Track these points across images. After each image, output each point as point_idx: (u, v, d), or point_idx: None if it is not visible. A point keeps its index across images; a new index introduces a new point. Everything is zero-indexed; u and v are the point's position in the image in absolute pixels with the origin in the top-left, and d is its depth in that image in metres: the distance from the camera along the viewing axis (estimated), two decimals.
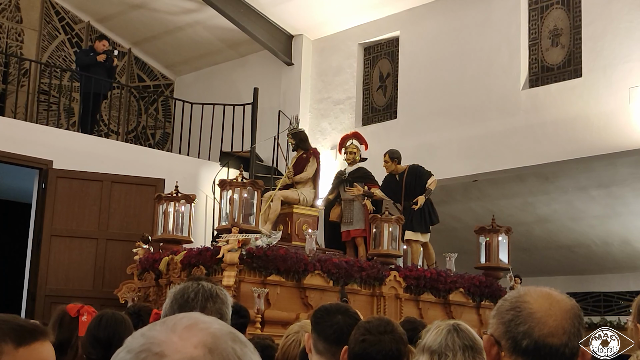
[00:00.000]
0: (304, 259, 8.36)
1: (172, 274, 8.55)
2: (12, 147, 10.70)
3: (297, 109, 13.00)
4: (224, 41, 14.03)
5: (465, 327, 2.76)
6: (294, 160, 10.25)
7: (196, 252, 8.36)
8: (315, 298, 8.34)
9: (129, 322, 3.72)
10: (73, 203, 10.82)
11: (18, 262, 11.62)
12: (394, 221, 9.27)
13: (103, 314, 3.73)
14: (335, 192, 10.23)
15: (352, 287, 8.68)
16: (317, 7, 12.53)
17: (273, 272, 8.15)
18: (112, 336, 3.56)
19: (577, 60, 10.39)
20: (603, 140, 9.75)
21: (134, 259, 9.41)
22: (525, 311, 1.76)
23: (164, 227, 9.30)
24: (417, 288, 9.19)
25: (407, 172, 9.89)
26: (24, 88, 13.14)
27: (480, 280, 9.74)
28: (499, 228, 9.99)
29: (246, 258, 7.97)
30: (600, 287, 12.88)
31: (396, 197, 9.93)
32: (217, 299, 2.57)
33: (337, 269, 8.56)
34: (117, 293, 9.21)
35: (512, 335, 1.75)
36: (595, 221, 11.79)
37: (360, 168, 10.25)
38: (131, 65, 15.09)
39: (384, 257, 9.21)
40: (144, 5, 13.69)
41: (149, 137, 15.06)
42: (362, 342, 2.69)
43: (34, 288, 10.54)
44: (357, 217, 9.96)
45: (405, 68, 12.12)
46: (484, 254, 10.02)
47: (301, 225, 9.71)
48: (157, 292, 8.88)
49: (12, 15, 13.73)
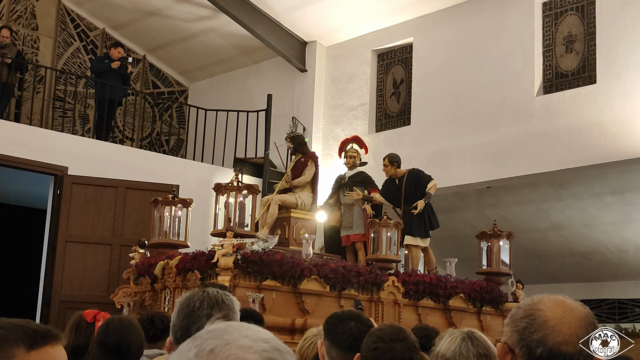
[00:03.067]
0: (300, 264, 8.22)
1: (167, 279, 8.46)
2: (28, 153, 10.76)
3: (311, 116, 13.03)
4: (238, 48, 14.08)
5: (480, 335, 2.76)
6: (292, 164, 10.15)
7: (191, 257, 8.24)
8: (311, 303, 8.24)
9: (137, 327, 3.69)
10: (88, 209, 10.87)
11: (33, 267, 11.68)
12: (392, 226, 9.16)
13: (110, 320, 3.71)
14: (334, 196, 10.15)
15: (349, 292, 8.53)
16: (330, 14, 12.55)
17: (269, 277, 8.01)
18: (120, 342, 3.54)
19: (591, 67, 10.36)
20: (617, 146, 9.71)
21: (130, 263, 9.31)
22: (540, 319, 1.76)
23: (161, 231, 9.20)
24: (416, 293, 9.07)
25: (407, 176, 9.77)
26: (39, 95, 13.22)
27: (481, 286, 9.61)
28: (501, 233, 9.86)
29: (241, 263, 7.83)
30: (615, 294, 12.80)
31: (396, 201, 9.82)
32: (223, 306, 2.56)
33: (334, 274, 8.41)
34: (113, 298, 9.14)
35: (526, 343, 1.75)
36: (609, 228, 11.73)
37: (360, 172, 10.16)
38: (146, 72, 15.16)
39: (382, 262, 9.09)
40: (158, 12, 13.76)
41: (163, 143, 15.11)
42: (375, 349, 2.69)
43: (49, 294, 10.58)
44: (356, 221, 9.85)
45: (419, 74, 12.11)
46: (486, 259, 9.92)
47: (299, 229, 9.58)
48: (152, 297, 8.80)
49: (27, 22, 13.83)
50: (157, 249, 9.17)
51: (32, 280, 11.60)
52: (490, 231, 9.91)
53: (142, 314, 4.91)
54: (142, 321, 4.10)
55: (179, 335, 2.51)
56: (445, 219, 12.30)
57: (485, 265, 9.92)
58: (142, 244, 9.35)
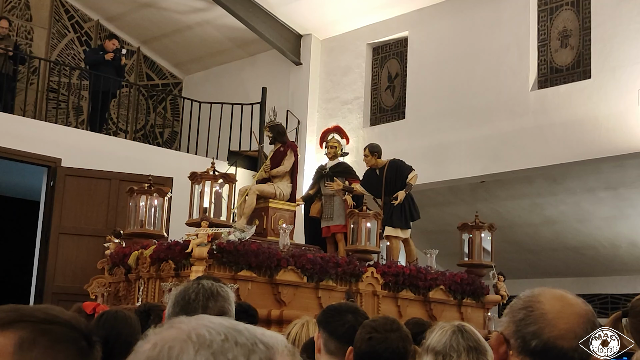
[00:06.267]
0: (276, 254, 8.07)
1: (141, 269, 8.35)
2: (21, 145, 10.74)
3: (306, 109, 13.02)
4: (233, 40, 14.05)
5: (470, 328, 2.77)
6: (271, 154, 9.95)
7: (166, 247, 8.10)
8: (288, 294, 8.14)
9: (132, 320, 3.68)
10: (81, 201, 10.85)
11: (26, 259, 11.67)
12: (372, 217, 9.05)
13: (104, 312, 3.71)
14: (315, 187, 10.03)
15: (327, 283, 8.40)
16: (326, 7, 12.54)
17: (244, 268, 7.85)
18: (109, 334, 3.54)
19: (586, 62, 10.38)
20: (612, 141, 9.73)
21: (105, 253, 9.19)
22: (537, 311, 1.75)
23: (136, 221, 9.00)
24: (395, 285, 8.96)
25: (388, 167, 9.67)
26: (33, 86, 13.18)
27: (461, 278, 9.52)
28: (482, 225, 9.76)
29: (216, 253, 7.68)
30: (608, 289, 12.84)
31: (376, 192, 9.71)
32: (218, 297, 2.58)
33: (312, 264, 8.27)
34: (87, 288, 9.00)
35: (521, 335, 1.74)
36: (603, 223, 11.76)
37: (341, 163, 10.07)
38: (140, 64, 15.12)
39: (361, 254, 8.97)
40: (153, 4, 13.72)
41: (158, 135, 15.09)
42: (369, 339, 2.72)
43: (42, 285, 10.58)
44: (337, 212, 9.75)
45: (414, 68, 12.11)
46: (467, 251, 9.83)
47: (277, 220, 9.40)
48: (127, 287, 8.70)
49: (21, 13, 13.77)
50: (132, 238, 9.01)
51: (24, 271, 11.58)
52: (472, 223, 9.79)
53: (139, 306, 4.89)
54: (139, 313, 4.11)
55: None
56: (438, 213, 12.33)
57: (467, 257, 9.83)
58: (117, 234, 9.21)
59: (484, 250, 9.84)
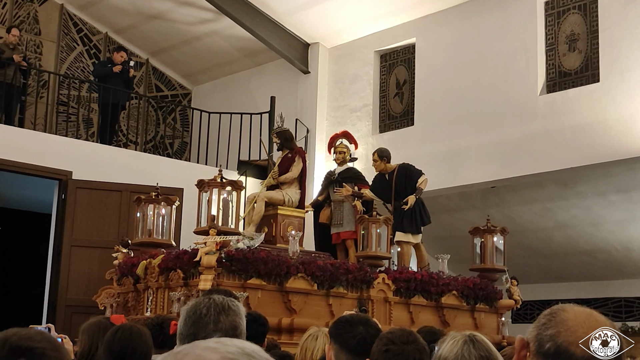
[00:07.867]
0: (286, 262, 7.99)
1: (149, 279, 8.29)
2: (32, 158, 10.79)
3: (314, 117, 13.03)
4: (241, 50, 14.09)
5: (482, 338, 2.76)
6: (279, 160, 9.90)
7: (174, 256, 8.03)
8: (298, 302, 8.06)
9: (146, 335, 3.69)
10: (93, 213, 10.89)
11: (39, 272, 11.70)
12: (382, 222, 8.96)
13: (120, 327, 3.72)
14: (324, 193, 9.96)
15: (337, 290, 8.31)
16: (333, 15, 12.55)
17: (253, 276, 7.76)
18: (125, 349, 3.57)
19: (594, 65, 10.35)
20: (622, 145, 9.70)
21: (113, 263, 9.12)
22: (559, 317, 1.75)
23: (144, 230, 8.95)
24: (407, 291, 8.85)
25: (397, 172, 9.61)
26: (43, 99, 13.25)
27: (474, 283, 9.42)
28: (494, 228, 9.69)
29: (225, 261, 7.58)
30: (621, 293, 12.77)
31: (386, 197, 9.65)
32: (229, 312, 2.56)
33: (322, 271, 8.17)
34: (95, 299, 8.96)
35: (539, 338, 1.75)
36: (615, 226, 11.71)
37: (350, 168, 10.02)
38: (149, 76, 15.18)
39: (372, 260, 8.90)
40: (161, 16, 13.78)
41: (167, 146, 15.13)
42: (386, 352, 2.71)
43: (55, 298, 10.60)
44: (347, 218, 9.67)
45: (422, 75, 12.11)
46: (480, 255, 9.75)
47: (286, 227, 9.32)
48: (135, 297, 8.65)
49: (30, 27, 13.85)
50: (140, 248, 8.96)
51: (37, 284, 11.62)
52: (484, 227, 9.73)
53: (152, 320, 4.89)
54: (152, 327, 4.11)
55: (186, 342, 2.51)
56: (450, 219, 12.32)
57: (479, 261, 9.75)
58: (125, 244, 9.18)
59: (496, 250, 9.76)
